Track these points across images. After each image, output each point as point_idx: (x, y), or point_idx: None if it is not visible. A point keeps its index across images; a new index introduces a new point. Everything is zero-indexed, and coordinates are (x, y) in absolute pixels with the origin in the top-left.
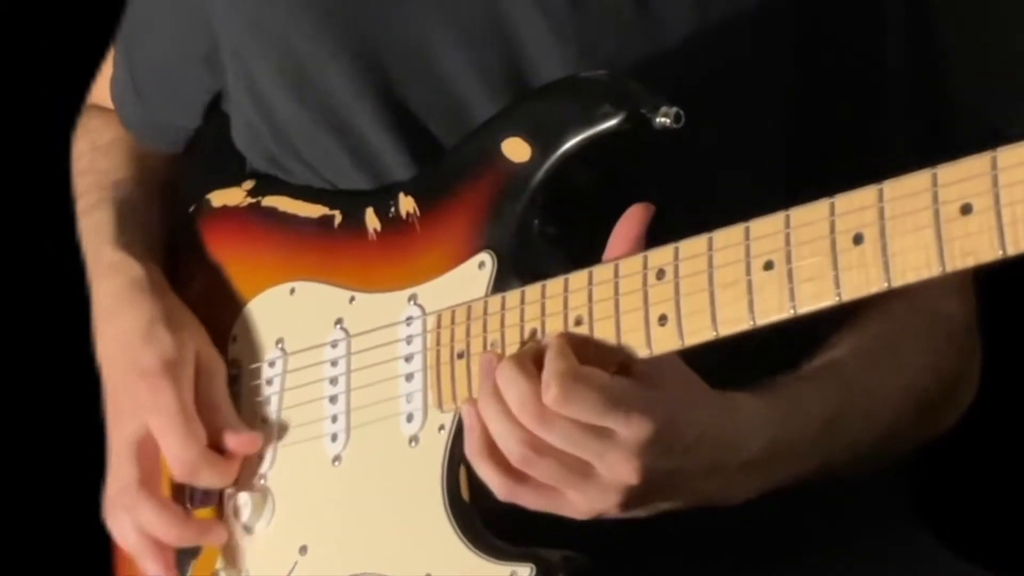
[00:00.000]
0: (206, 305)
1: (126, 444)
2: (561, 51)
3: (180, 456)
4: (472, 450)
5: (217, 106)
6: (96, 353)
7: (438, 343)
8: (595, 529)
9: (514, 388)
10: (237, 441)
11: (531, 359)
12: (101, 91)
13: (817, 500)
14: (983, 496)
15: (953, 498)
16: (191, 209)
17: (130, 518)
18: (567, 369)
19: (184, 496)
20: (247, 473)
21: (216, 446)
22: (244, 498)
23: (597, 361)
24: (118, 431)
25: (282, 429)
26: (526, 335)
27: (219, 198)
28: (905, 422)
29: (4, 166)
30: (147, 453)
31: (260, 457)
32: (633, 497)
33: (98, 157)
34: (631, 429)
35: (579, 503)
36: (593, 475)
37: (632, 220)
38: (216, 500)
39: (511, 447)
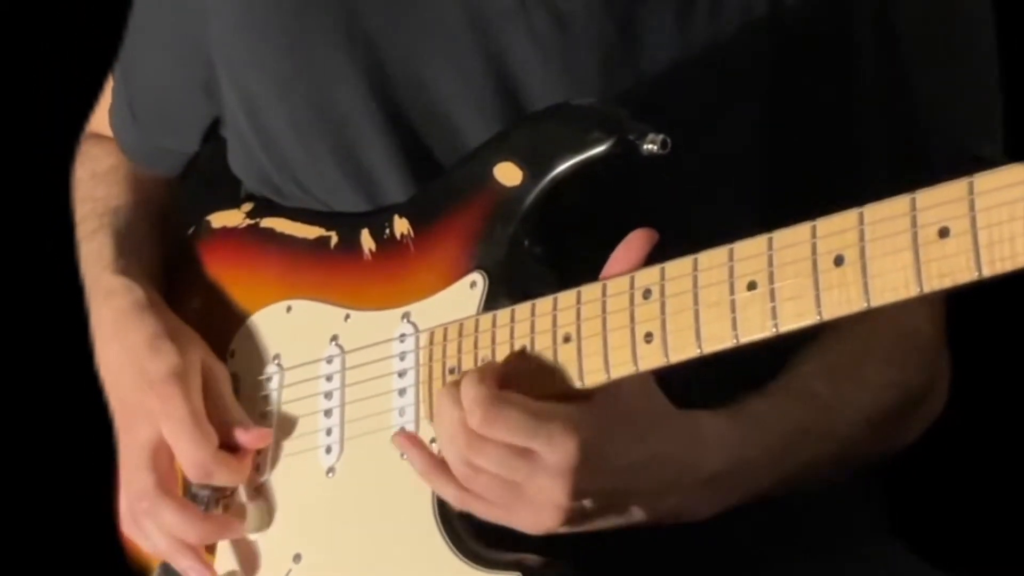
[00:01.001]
0: (206, 322)
1: (140, 451)
2: (551, 79)
3: (194, 458)
4: (421, 469)
5: (212, 129)
6: (99, 374)
7: (430, 359)
8: (581, 538)
9: (447, 415)
10: (248, 437)
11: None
12: (100, 120)
13: (791, 510)
14: (956, 505)
15: (926, 508)
16: (190, 230)
17: (153, 523)
18: (487, 394)
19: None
20: (246, 482)
21: (227, 447)
22: (243, 506)
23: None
24: (130, 441)
25: (279, 441)
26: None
27: (219, 219)
28: (867, 437)
29: (4, 167)
30: (162, 458)
31: (258, 467)
32: (572, 514)
33: (97, 184)
34: (555, 451)
35: (521, 519)
36: (525, 495)
37: (634, 248)
38: (220, 507)
39: (455, 466)
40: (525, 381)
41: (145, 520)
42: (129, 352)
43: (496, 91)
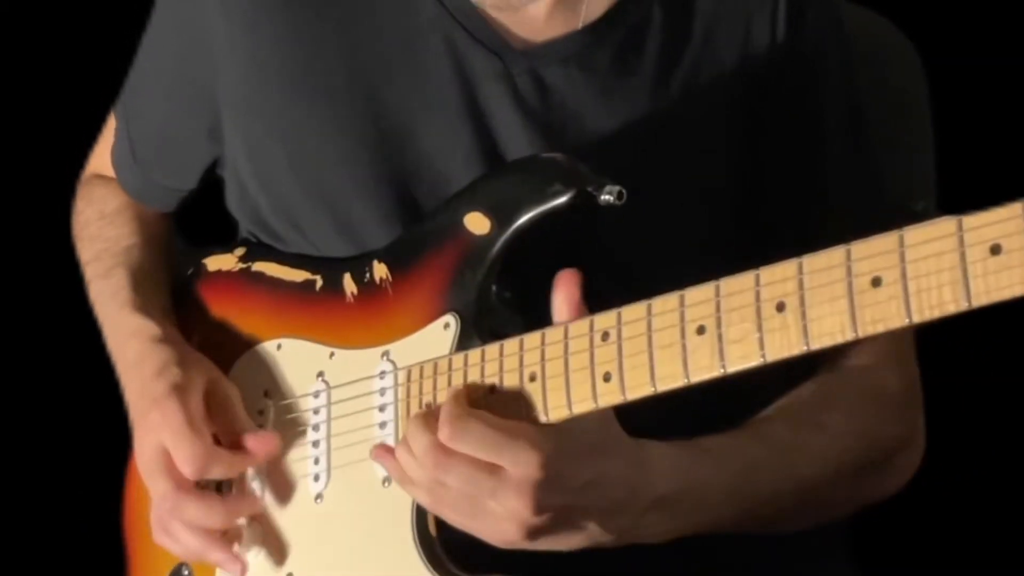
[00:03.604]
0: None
1: (150, 462)
2: (530, 138)
3: (187, 454)
4: (396, 477)
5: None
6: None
7: (408, 395)
8: (558, 558)
9: (418, 439)
10: (255, 441)
11: (435, 416)
12: (100, 160)
13: (750, 534)
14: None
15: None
16: (188, 272)
17: (179, 521)
18: (458, 410)
19: None
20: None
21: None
22: (240, 528)
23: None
24: (142, 455)
25: (271, 469)
26: (486, 390)
27: (214, 263)
28: (831, 482)
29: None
30: (168, 463)
31: (254, 492)
32: (534, 529)
33: (106, 225)
34: (519, 467)
35: (485, 530)
36: (489, 508)
37: (567, 286)
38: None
39: (421, 483)
40: (495, 414)
41: (171, 521)
42: (143, 380)
43: (480, 148)
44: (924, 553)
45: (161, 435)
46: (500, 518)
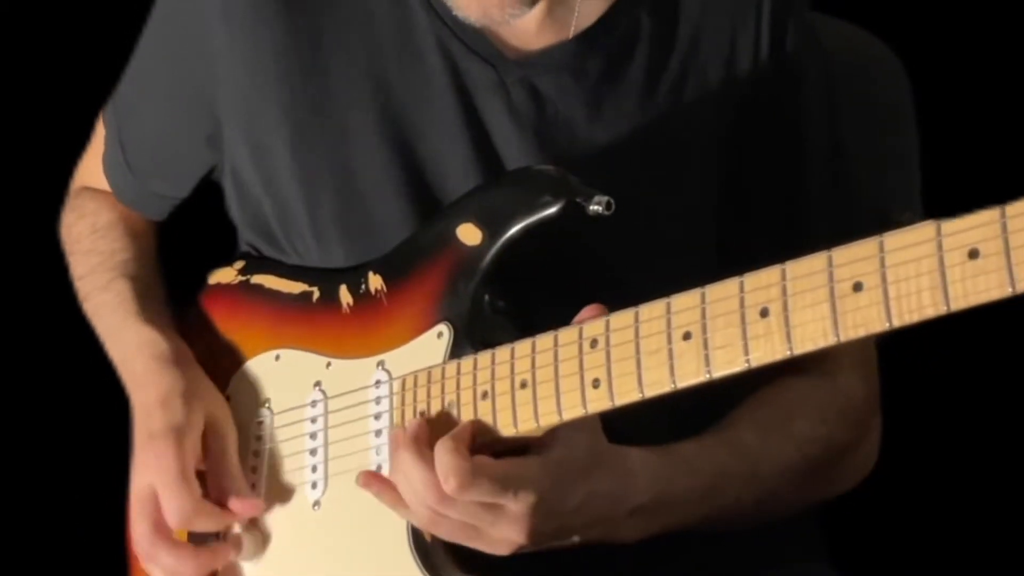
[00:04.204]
0: (205, 369)
1: (137, 502)
2: (525, 148)
3: (174, 508)
4: (389, 503)
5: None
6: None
7: (403, 403)
8: (551, 559)
9: (416, 473)
10: (241, 506)
11: (425, 443)
12: (89, 172)
13: (724, 533)
14: (891, 531)
15: (862, 533)
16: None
17: (155, 565)
18: (463, 466)
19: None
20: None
21: (220, 503)
22: (239, 536)
23: (491, 436)
24: (134, 489)
25: (271, 477)
26: (479, 396)
27: (214, 276)
28: (790, 485)
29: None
30: (156, 507)
31: (231, 542)
32: (525, 548)
33: (100, 239)
34: (518, 504)
35: (479, 548)
36: (486, 534)
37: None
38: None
39: (419, 512)
40: (487, 425)
41: (150, 564)
42: (147, 406)
43: (477, 156)
44: (900, 554)
45: (152, 477)
46: (495, 541)
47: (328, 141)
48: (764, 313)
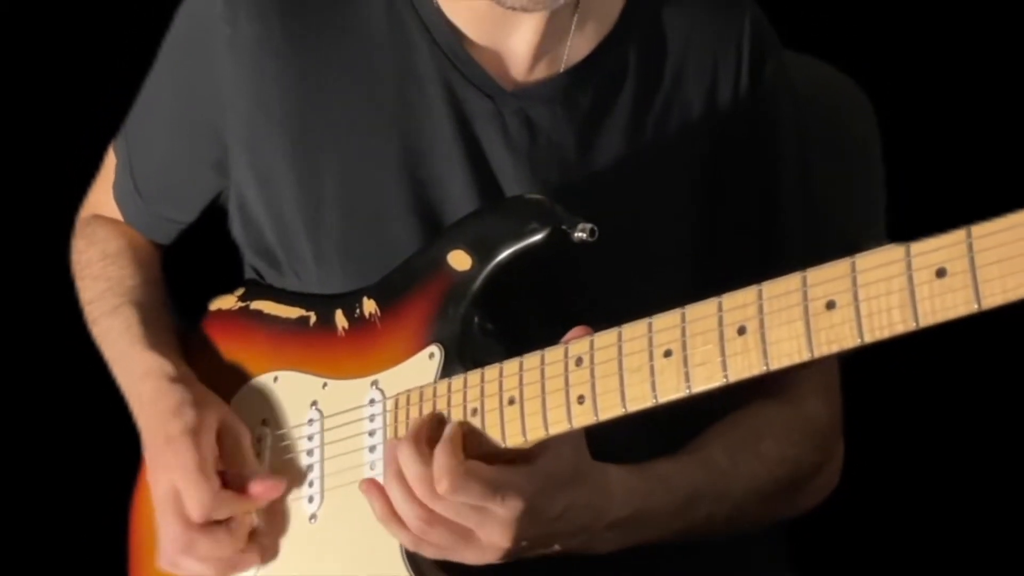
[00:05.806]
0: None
1: (163, 502)
2: (519, 175)
3: (197, 499)
4: (380, 516)
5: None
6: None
7: (396, 420)
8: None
9: (412, 467)
10: (260, 487)
11: (425, 441)
12: (100, 199)
13: (691, 542)
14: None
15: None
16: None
17: (193, 558)
18: (456, 466)
19: None
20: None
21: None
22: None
23: (483, 448)
24: (156, 493)
25: None
26: (468, 412)
27: (215, 303)
28: (759, 503)
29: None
30: (179, 504)
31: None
32: (509, 553)
33: (109, 265)
34: (505, 508)
35: (465, 557)
36: (474, 539)
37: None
38: None
39: (410, 520)
40: (477, 438)
41: (185, 559)
42: (160, 417)
43: (475, 184)
44: (861, 563)
45: (173, 476)
46: (481, 547)
47: (331, 167)
48: (741, 331)
